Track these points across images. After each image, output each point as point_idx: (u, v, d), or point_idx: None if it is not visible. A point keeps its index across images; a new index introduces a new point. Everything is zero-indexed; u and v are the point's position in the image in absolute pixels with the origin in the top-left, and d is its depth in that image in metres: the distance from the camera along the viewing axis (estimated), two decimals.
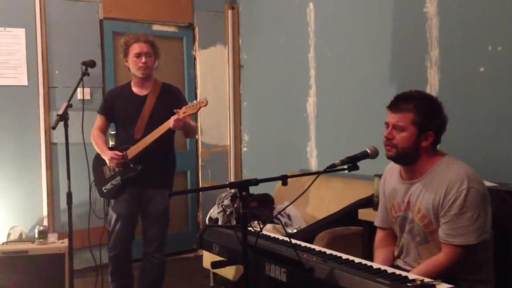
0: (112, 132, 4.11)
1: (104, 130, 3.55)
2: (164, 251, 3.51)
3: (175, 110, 3.24)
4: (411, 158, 2.21)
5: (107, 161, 3.39)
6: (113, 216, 3.43)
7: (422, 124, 2.17)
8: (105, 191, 3.45)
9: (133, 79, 3.46)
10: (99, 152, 3.47)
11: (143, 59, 3.34)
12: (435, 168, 2.19)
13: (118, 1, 4.85)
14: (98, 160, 3.50)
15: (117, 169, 3.39)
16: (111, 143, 4.23)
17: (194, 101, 3.30)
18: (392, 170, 2.40)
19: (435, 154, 2.23)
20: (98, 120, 3.54)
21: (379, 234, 2.50)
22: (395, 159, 2.26)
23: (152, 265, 3.47)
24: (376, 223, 2.53)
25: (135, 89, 3.46)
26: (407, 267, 2.28)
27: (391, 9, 3.65)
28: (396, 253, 2.39)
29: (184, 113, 3.23)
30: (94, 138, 3.49)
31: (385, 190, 2.44)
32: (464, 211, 2.07)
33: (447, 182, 2.12)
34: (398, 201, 2.32)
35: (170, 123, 3.22)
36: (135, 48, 3.35)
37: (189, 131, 3.51)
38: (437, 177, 2.17)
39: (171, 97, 3.46)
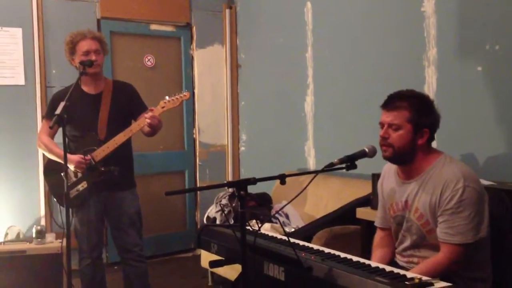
0: None
1: (53, 136, 3.27)
2: (144, 255, 3.38)
3: (150, 108, 3.12)
4: (408, 156, 2.22)
5: (72, 167, 3.13)
6: (80, 223, 3.23)
7: (417, 121, 2.18)
8: (70, 198, 3.06)
9: (82, 78, 3.14)
10: (55, 158, 3.23)
11: (93, 57, 3.13)
12: (432, 167, 2.20)
13: (116, 0, 4.83)
14: (53, 167, 3.29)
15: (80, 174, 3.17)
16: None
17: (177, 94, 3.17)
18: (390, 170, 2.41)
19: (431, 153, 2.24)
20: (46, 125, 3.22)
21: (379, 234, 2.51)
22: (392, 159, 2.26)
23: (138, 270, 3.33)
24: (376, 223, 2.53)
25: (86, 89, 3.24)
26: (405, 260, 2.29)
27: (388, 8, 3.65)
28: (396, 248, 2.39)
29: (163, 107, 3.12)
30: (46, 144, 3.25)
31: (383, 190, 2.44)
32: (461, 209, 2.07)
33: (443, 181, 2.13)
34: (396, 201, 2.32)
35: (145, 120, 3.07)
36: (83, 46, 3.15)
37: (157, 129, 3.20)
38: (433, 177, 2.18)
39: (126, 94, 3.32)
